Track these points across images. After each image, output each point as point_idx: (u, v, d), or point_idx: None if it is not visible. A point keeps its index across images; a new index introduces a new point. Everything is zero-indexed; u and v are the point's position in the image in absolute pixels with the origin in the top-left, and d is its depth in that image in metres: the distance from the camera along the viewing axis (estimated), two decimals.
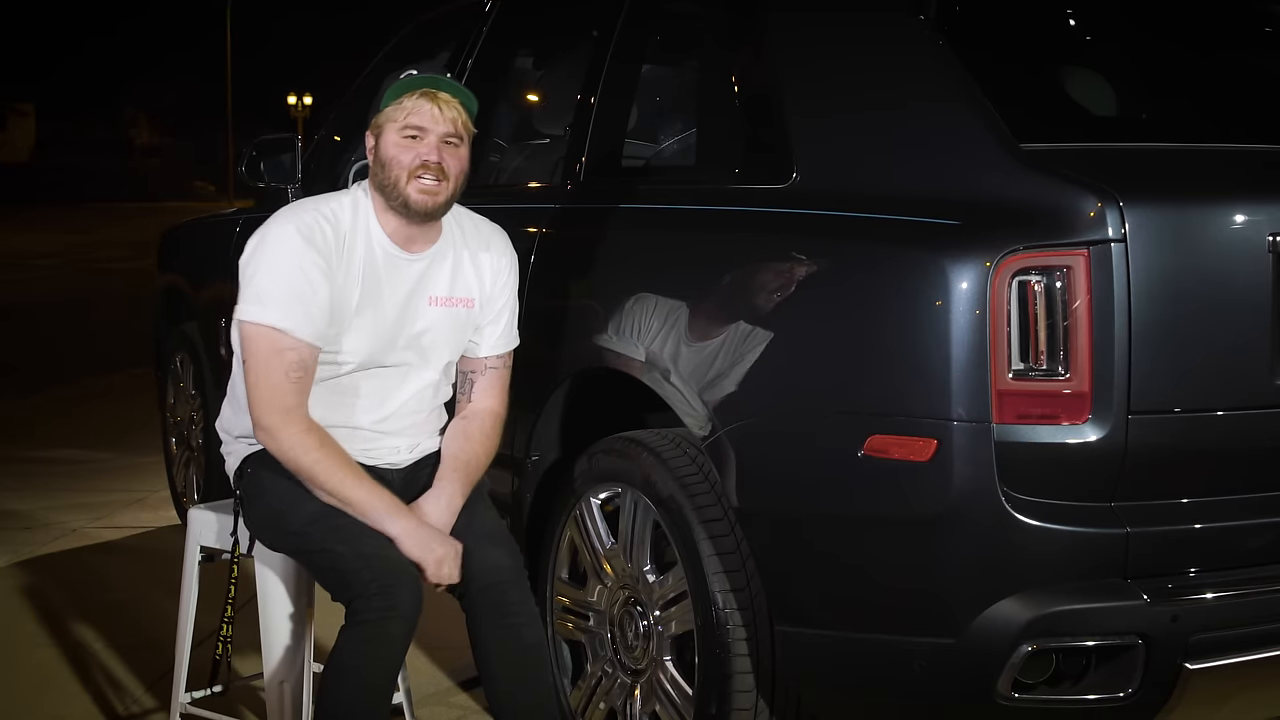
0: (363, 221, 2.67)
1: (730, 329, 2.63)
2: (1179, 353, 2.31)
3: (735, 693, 2.64)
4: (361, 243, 2.65)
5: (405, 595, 2.48)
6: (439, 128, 2.62)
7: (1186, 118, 2.78)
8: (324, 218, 2.63)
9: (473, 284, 2.78)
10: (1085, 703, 2.32)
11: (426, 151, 2.61)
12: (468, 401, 2.84)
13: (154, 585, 4.38)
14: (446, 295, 2.74)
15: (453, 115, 2.63)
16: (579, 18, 3.69)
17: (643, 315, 2.83)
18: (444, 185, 2.63)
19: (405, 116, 2.62)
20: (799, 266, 2.55)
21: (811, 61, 2.76)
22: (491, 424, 2.81)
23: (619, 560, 2.93)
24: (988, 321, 2.25)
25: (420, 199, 2.62)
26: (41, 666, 3.74)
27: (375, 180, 2.67)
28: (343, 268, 2.62)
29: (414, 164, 2.61)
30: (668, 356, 2.75)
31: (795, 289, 2.53)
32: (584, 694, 3.04)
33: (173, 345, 5.32)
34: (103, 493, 5.81)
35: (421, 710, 3.31)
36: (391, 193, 2.63)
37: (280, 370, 2.55)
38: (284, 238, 2.58)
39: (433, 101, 2.62)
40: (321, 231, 2.60)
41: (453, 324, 2.76)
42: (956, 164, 2.47)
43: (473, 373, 2.83)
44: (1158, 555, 2.33)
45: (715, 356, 2.64)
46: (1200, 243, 2.33)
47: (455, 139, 2.64)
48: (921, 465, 2.29)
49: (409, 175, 2.61)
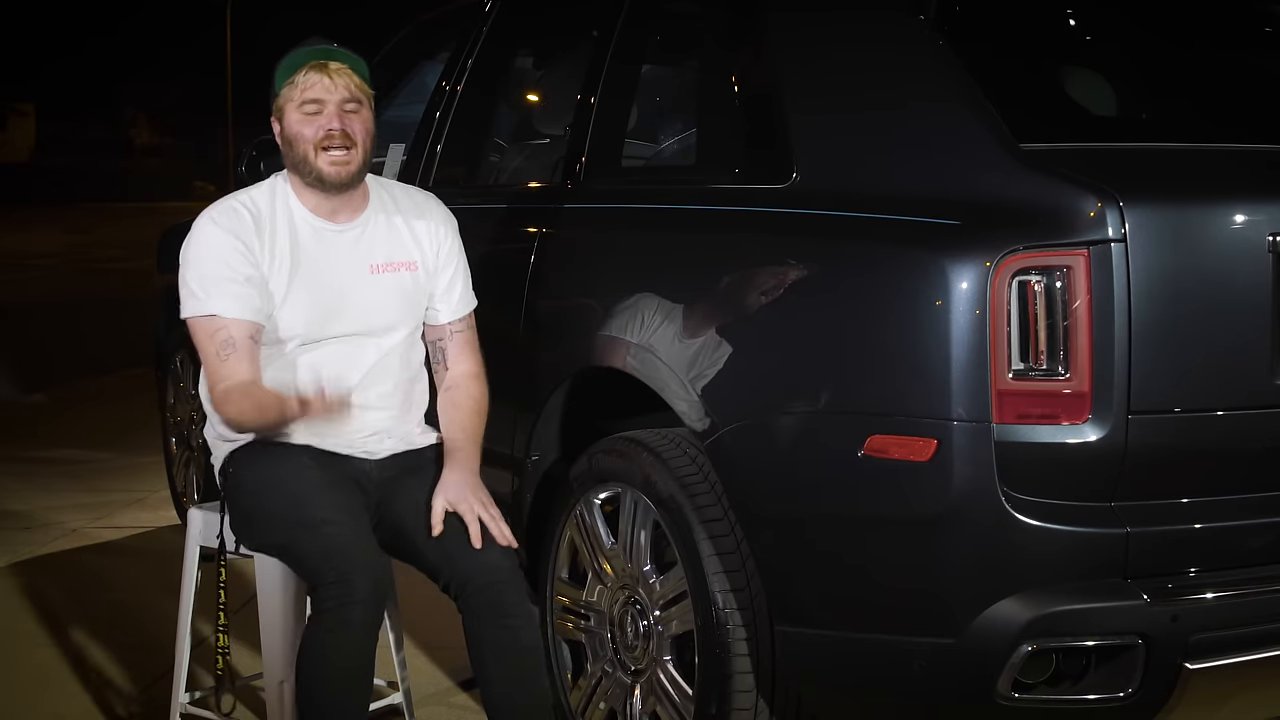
0: (281, 202, 2.75)
1: (730, 329, 2.64)
2: (1179, 353, 2.31)
3: (735, 693, 2.64)
4: (283, 221, 2.73)
5: (362, 581, 2.52)
6: (335, 95, 2.69)
7: (1186, 118, 2.78)
8: (240, 204, 2.73)
9: (411, 248, 2.84)
10: (1085, 703, 2.32)
11: (327, 121, 2.68)
12: (444, 369, 2.91)
13: (154, 585, 4.37)
14: (386, 261, 2.80)
15: (345, 81, 2.70)
16: (579, 18, 3.70)
17: (643, 315, 2.83)
18: (353, 152, 2.70)
19: (300, 93, 2.69)
20: (799, 266, 2.55)
21: (811, 61, 2.77)
22: (475, 386, 2.89)
23: (619, 560, 2.93)
24: (988, 321, 2.25)
25: (332, 170, 2.70)
26: (41, 666, 3.74)
27: (288, 161, 2.75)
28: (266, 248, 2.69)
29: (318, 135, 2.69)
30: (668, 356, 2.75)
31: (795, 289, 2.53)
32: (584, 694, 3.04)
33: (173, 345, 5.31)
34: (103, 493, 5.81)
35: (421, 710, 3.30)
36: (304, 169, 2.71)
37: (213, 350, 2.64)
38: (201, 231, 2.69)
39: (323, 72, 2.69)
40: (237, 215, 2.70)
41: (399, 289, 2.81)
42: (956, 164, 2.47)
43: (440, 340, 2.91)
44: (1158, 555, 2.33)
45: (715, 356, 2.64)
46: (1200, 243, 2.33)
47: (354, 103, 2.70)
48: (921, 465, 2.29)
49: (315, 148, 2.69)
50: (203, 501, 3.76)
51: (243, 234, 2.67)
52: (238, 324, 2.64)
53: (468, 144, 3.95)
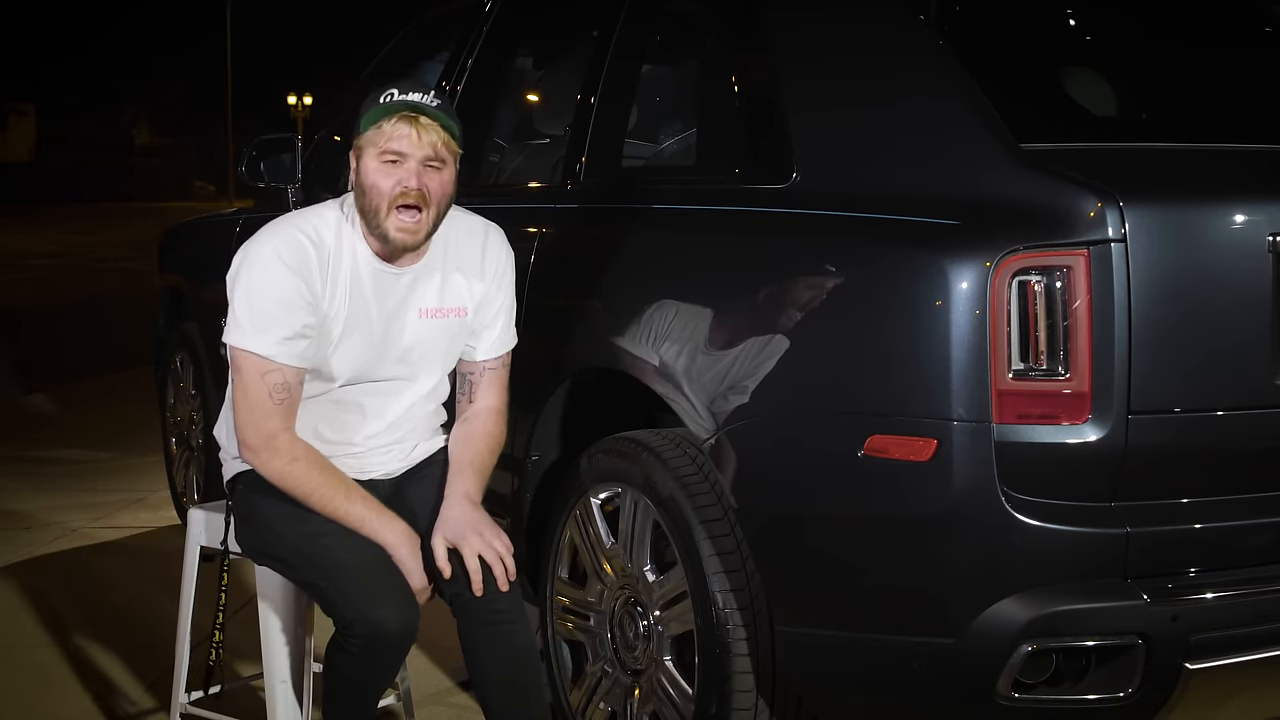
0: (347, 241, 2.61)
1: (730, 329, 2.64)
2: (1179, 353, 2.31)
3: (735, 693, 2.64)
4: (347, 260, 2.60)
5: (392, 616, 2.48)
6: (419, 152, 2.54)
7: (1186, 118, 2.78)
8: (305, 237, 2.57)
9: (464, 295, 2.73)
10: (1085, 703, 2.32)
11: (406, 177, 2.53)
12: (468, 403, 2.81)
13: (154, 585, 4.38)
14: (436, 306, 2.69)
15: (433, 139, 2.54)
16: (579, 18, 3.69)
17: (643, 315, 2.83)
18: (424, 217, 2.56)
19: (385, 141, 2.53)
20: (799, 266, 2.55)
21: (811, 61, 2.77)
22: (494, 420, 2.79)
23: (619, 560, 2.93)
24: (988, 321, 2.25)
25: (399, 237, 2.56)
26: (41, 666, 3.74)
27: (359, 205, 2.59)
28: (328, 289, 2.57)
29: (394, 191, 2.53)
30: (668, 356, 2.75)
31: (795, 289, 2.53)
32: (584, 694, 3.04)
33: (173, 345, 5.32)
34: (103, 493, 5.81)
35: (421, 710, 3.31)
36: (372, 221, 2.57)
37: (264, 392, 2.54)
38: (265, 262, 2.54)
39: (412, 125, 2.53)
40: (302, 251, 2.55)
41: (444, 334, 2.72)
42: (956, 164, 2.47)
43: (471, 374, 2.81)
44: (1158, 555, 2.33)
45: (715, 356, 2.64)
46: (1200, 243, 2.33)
47: (437, 163, 2.56)
48: (921, 465, 2.29)
49: (389, 205, 2.54)
50: (203, 501, 3.76)
51: (307, 275, 2.54)
52: (292, 370, 2.55)
53: (468, 144, 3.94)
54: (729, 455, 2.62)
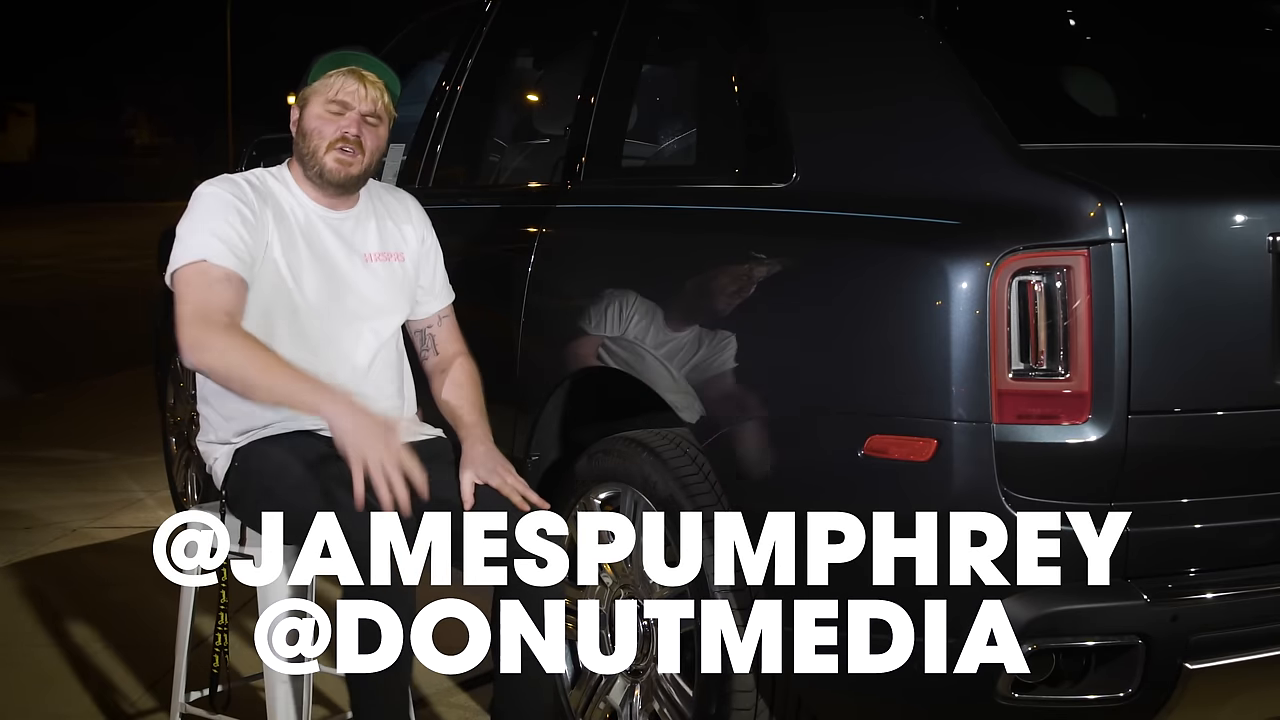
0: (281, 183, 2.82)
1: (730, 329, 2.63)
2: (1179, 353, 2.31)
3: (735, 693, 2.63)
4: (285, 198, 2.79)
5: None
6: (362, 105, 2.77)
7: (1186, 118, 2.78)
8: (242, 178, 2.78)
9: (399, 241, 2.93)
10: (1085, 703, 2.32)
11: (347, 125, 2.76)
12: (436, 354, 3.00)
13: (154, 585, 4.35)
14: (380, 250, 2.88)
15: (375, 95, 2.78)
16: (579, 17, 3.69)
17: (643, 315, 2.83)
18: (359, 158, 2.78)
19: (332, 92, 2.76)
20: (799, 266, 2.55)
21: (811, 61, 2.77)
22: (469, 363, 2.97)
23: (619, 560, 2.93)
24: (988, 321, 2.25)
25: (335, 167, 2.77)
26: (42, 666, 3.74)
27: (296, 150, 2.82)
28: (270, 215, 2.74)
29: (334, 136, 2.76)
30: (668, 356, 2.75)
31: (795, 289, 2.53)
32: (584, 694, 3.04)
33: (173, 346, 5.31)
34: (103, 493, 5.81)
35: (421, 710, 3.31)
36: (309, 161, 2.78)
37: (204, 285, 2.61)
38: (200, 195, 2.71)
39: (359, 80, 2.77)
40: (236, 184, 2.74)
41: (393, 277, 2.89)
42: (956, 164, 2.47)
43: (430, 328, 3.00)
44: (1158, 555, 2.33)
45: (715, 356, 2.64)
46: (1200, 243, 2.33)
47: (375, 118, 2.79)
48: (921, 465, 2.29)
49: (328, 146, 2.76)
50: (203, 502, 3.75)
51: (243, 197, 2.71)
52: (232, 272, 2.63)
53: (468, 144, 3.95)
54: (729, 455, 2.62)
